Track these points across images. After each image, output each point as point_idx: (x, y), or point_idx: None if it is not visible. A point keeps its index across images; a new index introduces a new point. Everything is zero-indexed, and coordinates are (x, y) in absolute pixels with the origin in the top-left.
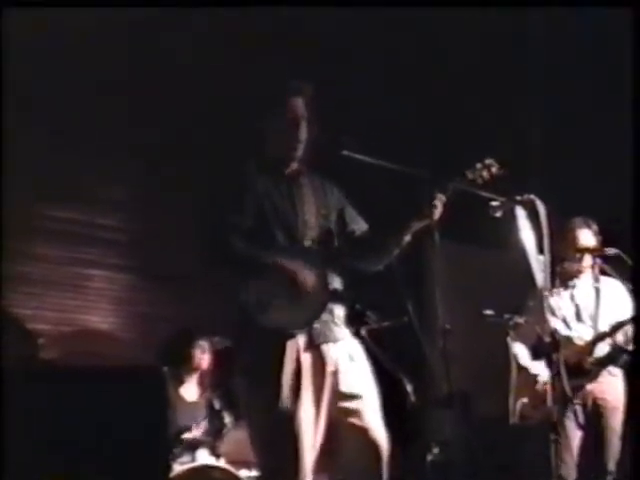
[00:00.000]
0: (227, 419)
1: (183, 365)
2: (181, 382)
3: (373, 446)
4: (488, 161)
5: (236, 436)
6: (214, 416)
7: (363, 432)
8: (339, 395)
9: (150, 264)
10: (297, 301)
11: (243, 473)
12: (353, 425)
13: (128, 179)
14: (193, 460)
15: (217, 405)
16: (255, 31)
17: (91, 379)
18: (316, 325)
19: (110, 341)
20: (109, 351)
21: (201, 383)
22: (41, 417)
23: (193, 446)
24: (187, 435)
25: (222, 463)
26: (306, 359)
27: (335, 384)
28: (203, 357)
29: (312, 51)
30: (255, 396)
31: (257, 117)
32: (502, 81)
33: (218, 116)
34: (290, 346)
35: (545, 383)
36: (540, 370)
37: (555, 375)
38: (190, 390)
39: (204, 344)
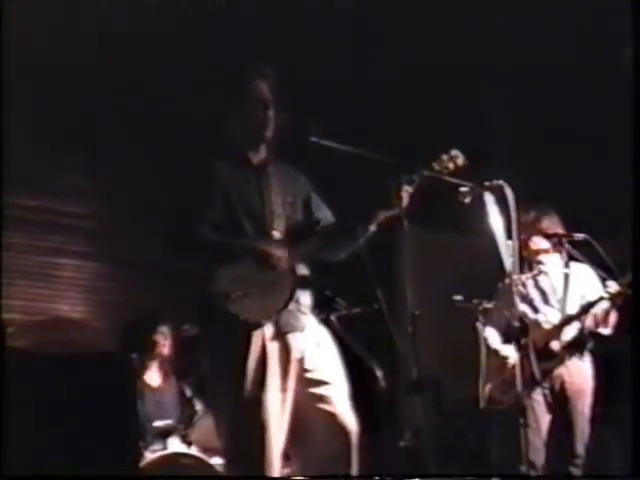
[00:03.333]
0: (198, 407)
1: (146, 352)
2: (146, 369)
3: (342, 432)
4: (454, 152)
5: (207, 423)
6: (185, 404)
7: (332, 418)
8: (307, 382)
9: (119, 252)
10: (265, 290)
11: (214, 460)
12: (322, 411)
13: (96, 167)
14: (164, 448)
15: (188, 393)
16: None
17: (60, 367)
18: (283, 314)
19: (79, 329)
20: (78, 339)
21: (163, 369)
22: (10, 405)
23: (164, 434)
24: (158, 423)
25: (193, 450)
26: (272, 347)
27: (301, 371)
28: (165, 343)
29: (279, 35)
30: (221, 384)
31: (223, 104)
32: (470, 66)
33: (187, 105)
34: (256, 335)
35: (514, 366)
36: (510, 352)
37: (524, 359)
38: (153, 377)
39: (166, 330)
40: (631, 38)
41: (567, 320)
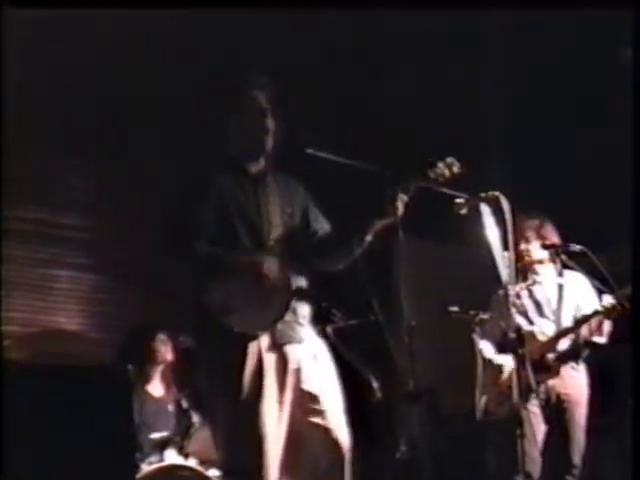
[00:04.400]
0: (195, 418)
1: (146, 359)
2: (147, 378)
3: (336, 446)
4: (449, 160)
5: (204, 435)
6: (182, 415)
7: (326, 432)
8: (302, 394)
9: (116, 264)
10: (260, 302)
11: (212, 472)
12: (316, 425)
13: (93, 179)
14: (161, 460)
15: (185, 404)
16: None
17: (58, 379)
18: (279, 325)
19: (77, 341)
20: (76, 352)
21: (165, 378)
22: (8, 417)
23: (161, 445)
24: (155, 434)
25: (190, 462)
26: (268, 359)
27: (298, 383)
28: (167, 349)
29: (278, 46)
30: (218, 395)
31: (222, 114)
32: (467, 68)
33: (185, 115)
34: (252, 346)
35: (510, 378)
36: (505, 363)
37: (520, 370)
38: (156, 386)
39: (165, 337)
40: (631, 38)
41: (562, 332)
